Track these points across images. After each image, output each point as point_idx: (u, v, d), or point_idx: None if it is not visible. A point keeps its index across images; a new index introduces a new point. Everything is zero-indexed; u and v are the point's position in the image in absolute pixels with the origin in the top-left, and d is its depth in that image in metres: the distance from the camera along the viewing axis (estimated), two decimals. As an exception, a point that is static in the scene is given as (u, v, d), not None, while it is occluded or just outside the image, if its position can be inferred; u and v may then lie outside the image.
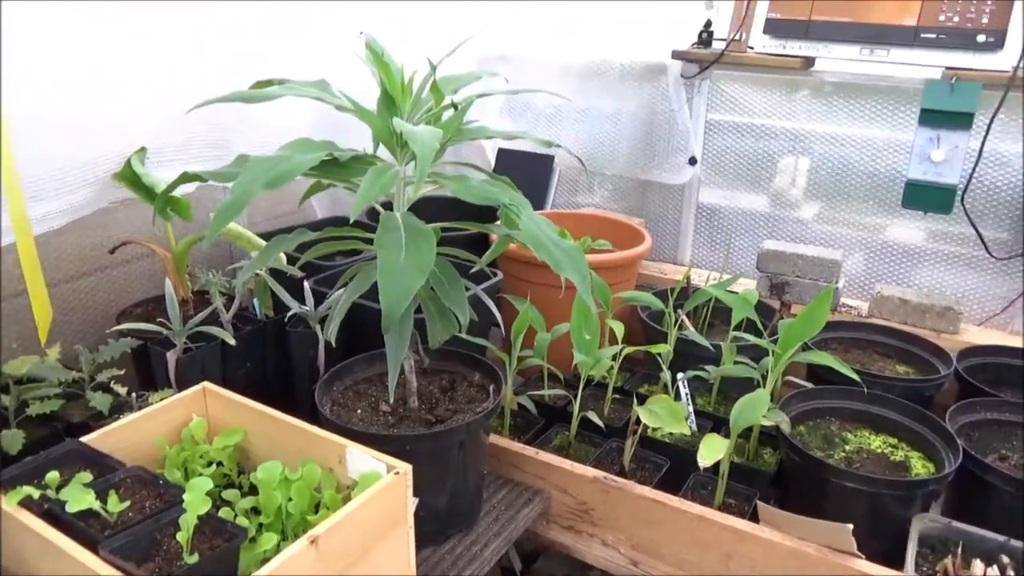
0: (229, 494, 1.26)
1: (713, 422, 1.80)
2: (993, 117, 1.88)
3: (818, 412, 1.77)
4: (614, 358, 1.77)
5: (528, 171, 2.68)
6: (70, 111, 1.54)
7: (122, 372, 1.61)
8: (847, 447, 1.67)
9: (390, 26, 2.19)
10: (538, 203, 2.66)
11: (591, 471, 1.56)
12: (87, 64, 1.54)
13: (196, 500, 1.02)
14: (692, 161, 2.45)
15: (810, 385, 1.79)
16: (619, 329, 1.84)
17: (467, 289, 1.40)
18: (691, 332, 1.88)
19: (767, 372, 1.63)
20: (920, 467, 1.60)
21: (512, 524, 1.50)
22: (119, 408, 1.52)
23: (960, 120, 1.87)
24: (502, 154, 2.73)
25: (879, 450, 1.66)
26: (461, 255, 1.42)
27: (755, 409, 1.49)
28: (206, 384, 1.45)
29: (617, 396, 1.93)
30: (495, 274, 1.95)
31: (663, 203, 2.60)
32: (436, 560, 1.40)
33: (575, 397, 1.69)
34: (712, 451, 1.38)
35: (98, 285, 1.85)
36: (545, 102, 2.64)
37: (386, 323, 1.05)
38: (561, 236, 2.24)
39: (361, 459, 1.21)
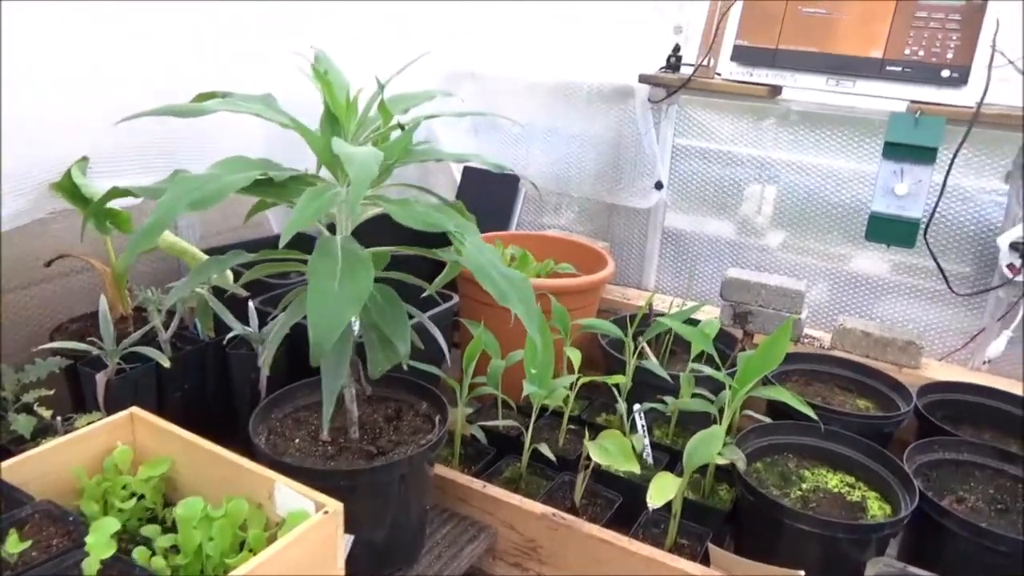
0: (149, 530, 1.19)
1: (670, 455, 1.76)
2: (956, 152, 1.86)
3: (776, 448, 1.73)
4: (570, 387, 1.72)
5: (493, 190, 2.64)
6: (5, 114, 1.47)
7: (51, 392, 1.53)
8: (804, 485, 1.63)
9: (355, 42, 2.15)
10: (503, 223, 2.61)
11: (539, 507, 1.50)
12: (27, 66, 1.47)
13: (99, 543, 0.95)
14: (658, 186, 2.42)
15: (768, 420, 1.75)
16: (576, 357, 1.79)
17: (412, 316, 1.34)
18: (650, 362, 1.84)
19: (724, 406, 1.59)
20: (877, 508, 1.56)
21: (455, 562, 1.44)
22: (43, 432, 1.44)
23: (924, 154, 1.86)
24: (468, 172, 2.68)
25: (836, 489, 1.62)
26: (410, 280, 1.37)
27: (709, 447, 1.45)
28: (134, 409, 1.37)
29: (573, 427, 1.88)
30: (450, 297, 1.89)
31: (629, 227, 2.56)
32: (372, 600, 1.34)
33: (526, 428, 1.63)
34: (662, 492, 1.33)
35: (31, 299, 1.76)
36: (508, 122, 2.60)
37: (314, 357, 0.99)
38: (523, 259, 2.21)
39: (289, 496, 1.15)
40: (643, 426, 1.78)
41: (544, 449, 1.59)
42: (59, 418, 1.46)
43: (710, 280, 2.49)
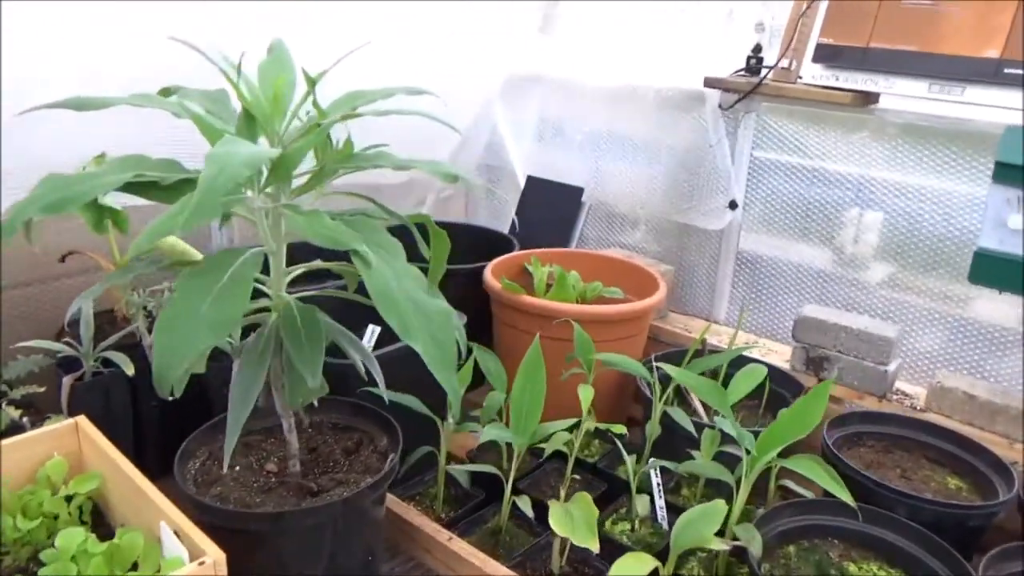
0: (47, 555, 1.10)
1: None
2: None
3: (817, 530, 1.42)
4: (571, 431, 1.50)
5: (555, 203, 2.44)
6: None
7: (42, 390, 1.52)
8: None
9: (402, 38, 2.04)
10: (563, 238, 2.41)
11: (502, 572, 1.29)
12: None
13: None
14: (732, 205, 2.12)
15: (810, 495, 1.44)
16: (586, 397, 1.56)
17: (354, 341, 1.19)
18: (674, 409, 1.57)
19: (742, 476, 1.31)
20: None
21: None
22: (12, 431, 1.41)
23: (1047, 178, 1.47)
24: (531, 183, 2.50)
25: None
26: (344, 296, 1.22)
27: (704, 526, 1.18)
28: (80, 419, 1.31)
29: (585, 475, 1.65)
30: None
31: (700, 250, 2.27)
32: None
33: (507, 476, 1.42)
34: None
35: (47, 294, 1.78)
36: (575, 129, 2.39)
37: (158, 386, 0.85)
38: (560, 281, 2.00)
39: (169, 539, 1.02)
40: (658, 484, 1.52)
41: (523, 504, 1.38)
42: (26, 418, 1.43)
43: (791, 316, 2.15)
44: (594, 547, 1.12)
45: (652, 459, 1.52)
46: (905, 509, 1.43)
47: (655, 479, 1.52)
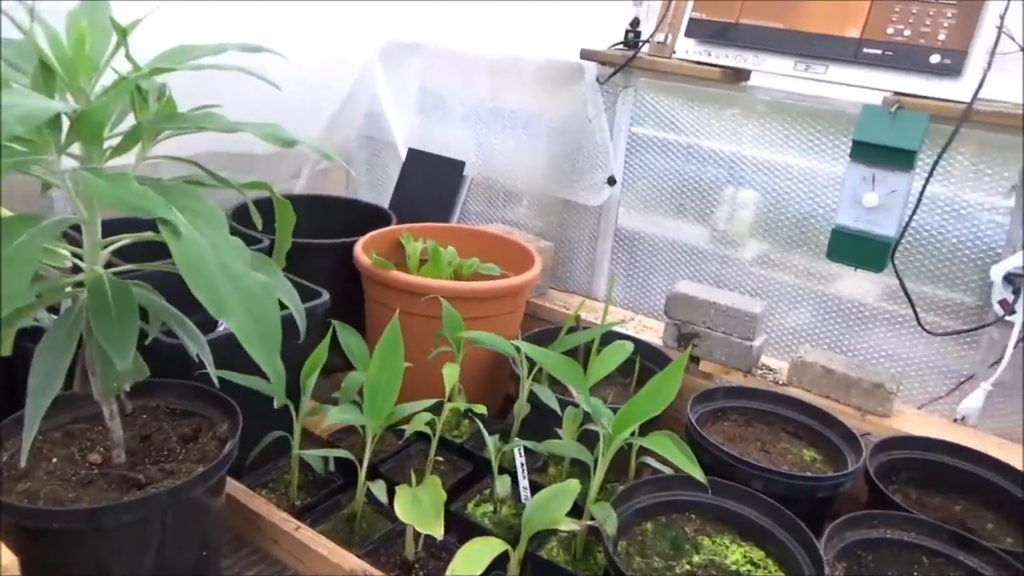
0: None
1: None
2: (939, 157, 1.50)
3: (675, 506, 1.42)
4: (434, 411, 1.45)
5: (437, 176, 2.37)
6: None
7: None
8: (696, 558, 1.32)
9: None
10: (445, 212, 2.34)
11: (351, 561, 1.23)
12: None
13: None
14: (611, 181, 2.10)
15: (670, 472, 1.44)
16: (450, 376, 1.52)
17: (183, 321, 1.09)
18: (541, 387, 1.55)
19: (599, 455, 1.29)
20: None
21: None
22: None
23: (900, 158, 1.50)
24: (411, 155, 2.42)
25: (735, 567, 1.31)
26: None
27: (555, 506, 1.16)
28: None
29: (451, 458, 1.61)
30: (318, 294, 1.63)
31: (581, 227, 2.26)
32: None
33: (360, 461, 1.36)
34: (469, 565, 1.04)
35: None
36: (456, 100, 2.32)
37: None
38: (434, 256, 1.94)
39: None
40: (522, 464, 1.49)
41: (378, 489, 1.32)
42: None
43: (665, 293, 2.16)
44: (438, 534, 1.07)
45: (516, 439, 1.49)
46: (760, 482, 1.45)
47: (519, 459, 1.49)
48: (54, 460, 1.17)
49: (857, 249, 1.60)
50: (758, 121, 1.87)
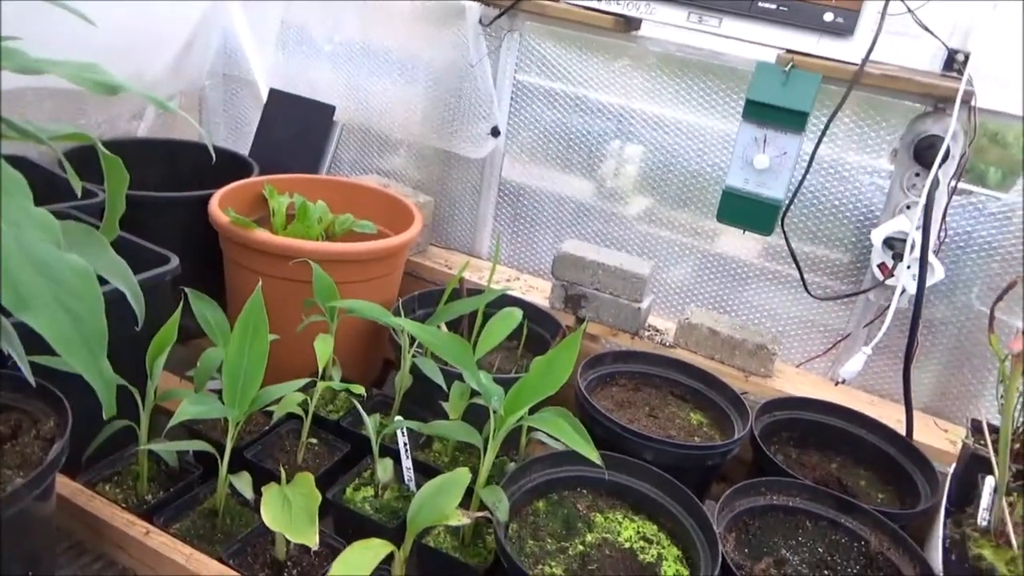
0: None
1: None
2: (830, 120, 1.48)
3: (568, 482, 1.36)
4: (306, 389, 1.31)
5: (304, 122, 2.15)
6: None
7: None
8: (589, 537, 1.27)
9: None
10: (313, 162, 2.14)
11: (212, 567, 1.09)
12: None
13: None
14: (495, 132, 1.98)
15: (560, 447, 1.37)
16: (324, 351, 1.38)
17: None
18: (424, 360, 1.43)
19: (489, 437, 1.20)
20: (672, 573, 1.22)
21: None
22: None
23: (791, 120, 1.47)
24: (273, 96, 2.18)
25: (628, 544, 1.27)
26: None
27: (444, 500, 1.06)
28: None
29: (329, 435, 1.48)
30: (167, 259, 1.43)
31: (463, 180, 2.13)
32: None
33: (221, 452, 1.20)
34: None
35: None
36: (323, 37, 2.10)
37: None
38: (301, 212, 1.76)
39: None
40: (405, 445, 1.38)
41: (241, 483, 1.17)
42: None
43: (552, 251, 2.08)
44: (312, 543, 0.95)
45: (398, 418, 1.37)
46: (651, 452, 1.41)
47: (401, 439, 1.38)
48: None
49: (746, 212, 1.57)
50: (648, 73, 1.79)
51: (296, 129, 2.15)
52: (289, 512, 0.98)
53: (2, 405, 1.11)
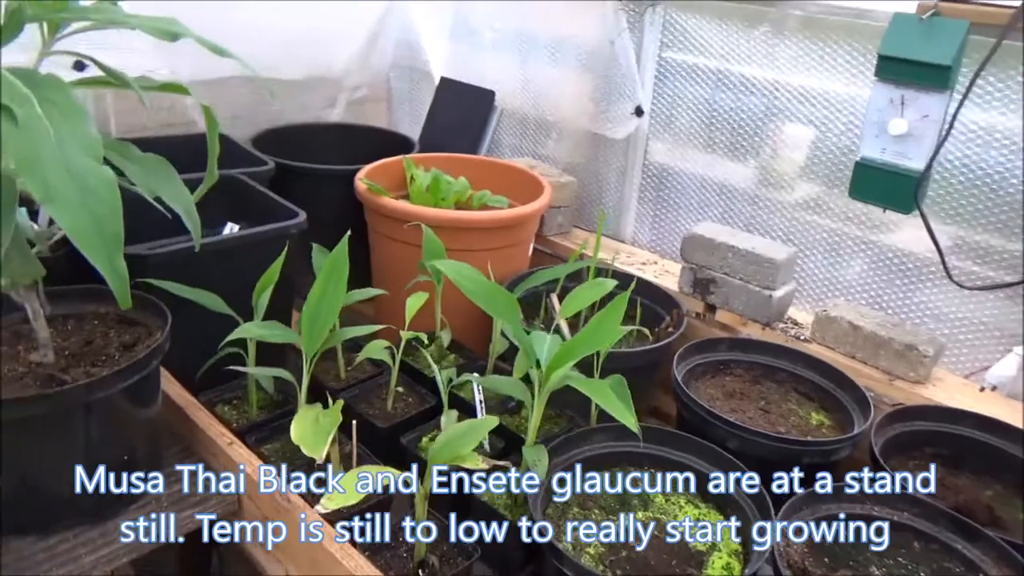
0: None
1: (514, 441, 1.38)
2: (977, 73, 1.25)
3: (636, 458, 1.30)
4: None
5: (467, 107, 2.27)
6: None
7: None
8: (640, 515, 1.20)
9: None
10: (471, 144, 2.25)
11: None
12: None
13: None
14: (638, 111, 1.93)
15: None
16: (413, 305, 1.45)
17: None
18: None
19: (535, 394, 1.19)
20: (721, 565, 1.11)
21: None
22: None
23: (933, 76, 1.27)
24: (443, 84, 2.33)
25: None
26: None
27: (462, 443, 1.07)
28: None
29: (424, 389, 1.55)
30: (295, 214, 1.58)
31: (607, 161, 2.10)
32: (27, 554, 1.13)
33: (299, 382, 1.31)
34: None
35: None
36: (484, 25, 2.20)
37: None
38: (435, 185, 1.86)
39: None
40: (480, 402, 1.41)
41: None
42: None
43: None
44: (318, 457, 1.01)
45: (476, 374, 1.41)
46: (735, 441, 1.30)
47: (477, 395, 1.41)
48: (-9, 357, 1.21)
49: (883, 186, 1.38)
50: (790, 39, 1.64)
51: (460, 114, 2.27)
52: (312, 430, 1.06)
53: (133, 320, 1.32)
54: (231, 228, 1.70)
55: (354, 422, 1.21)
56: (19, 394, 1.11)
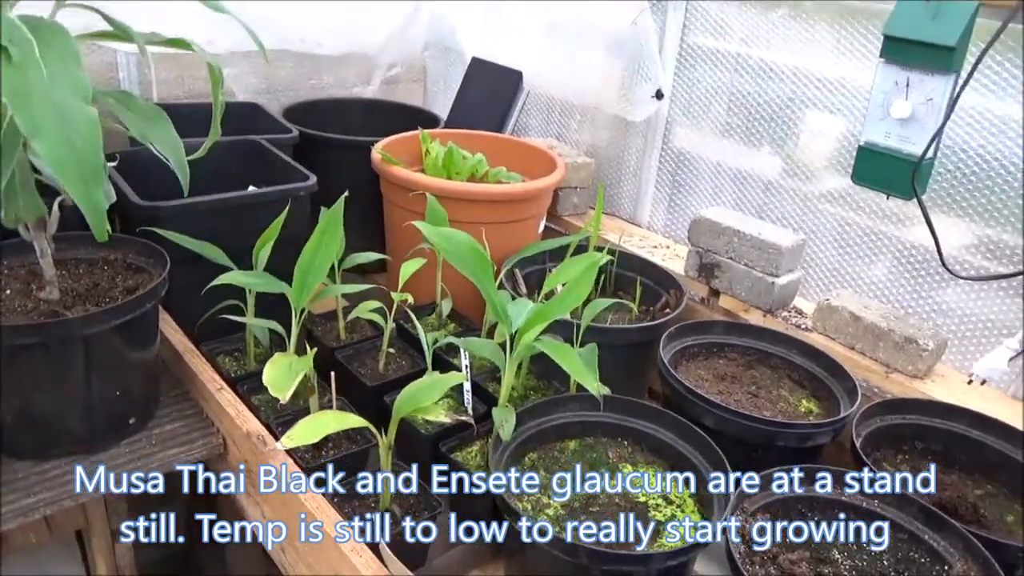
0: None
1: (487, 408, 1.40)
2: (981, 56, 1.20)
3: (611, 428, 1.31)
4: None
5: (494, 86, 2.29)
6: None
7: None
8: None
9: None
10: (497, 123, 2.27)
11: (252, 424, 1.25)
12: None
13: None
14: (659, 95, 1.93)
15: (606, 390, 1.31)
16: (407, 270, 1.49)
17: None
18: (503, 293, 1.47)
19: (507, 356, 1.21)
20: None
21: (145, 460, 1.26)
22: None
23: (938, 57, 1.23)
24: (474, 64, 2.36)
25: (644, 498, 1.18)
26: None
27: (423, 396, 1.10)
28: None
29: (418, 353, 1.58)
30: (306, 177, 1.64)
31: (628, 145, 2.10)
32: (22, 476, 1.21)
33: (288, 334, 1.36)
34: (308, 432, 1.02)
35: None
36: (515, 5, 2.21)
37: None
38: (448, 158, 1.89)
39: None
40: (467, 365, 1.44)
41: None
42: None
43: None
44: (283, 397, 1.06)
45: (448, 335, 1.43)
46: (711, 419, 1.29)
47: (464, 361, 1.44)
48: (7, 292, 1.29)
49: (885, 171, 1.35)
50: (807, 23, 1.61)
51: (487, 93, 2.30)
52: (284, 373, 1.11)
53: (140, 266, 1.39)
54: (252, 190, 1.77)
55: (332, 373, 1.25)
56: (18, 323, 1.19)
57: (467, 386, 1.43)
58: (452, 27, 2.40)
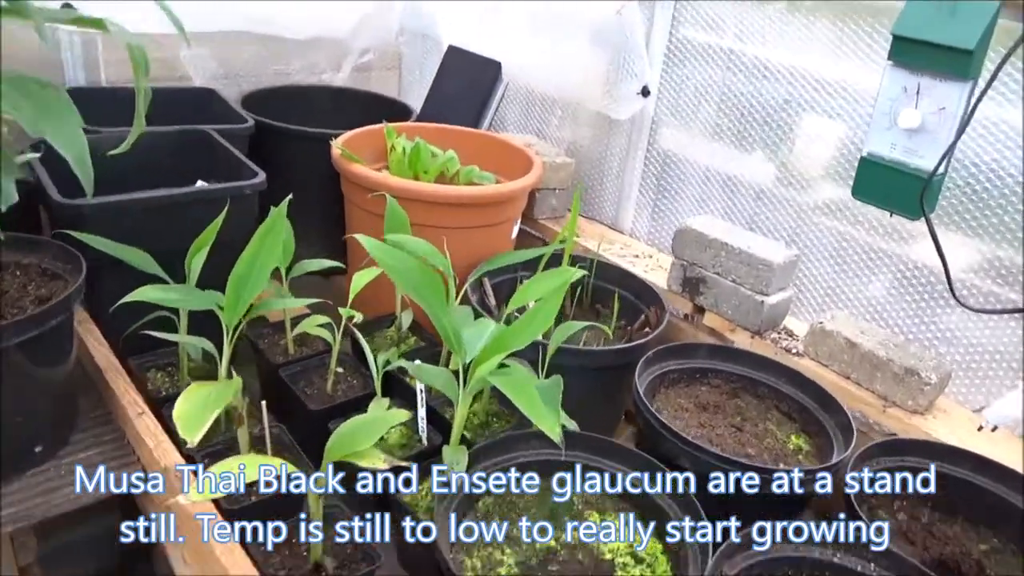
0: None
1: (443, 438, 1.26)
2: (1003, 62, 1.06)
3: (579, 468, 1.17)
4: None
5: (472, 77, 2.14)
6: None
7: None
8: (570, 535, 1.07)
9: None
10: (473, 115, 2.11)
11: (170, 458, 1.11)
12: None
13: None
14: (645, 92, 1.78)
15: (572, 425, 1.18)
16: (359, 281, 1.34)
17: None
18: (459, 308, 1.33)
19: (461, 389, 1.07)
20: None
21: (51, 496, 1.12)
22: None
23: (953, 62, 1.09)
24: (450, 54, 2.20)
25: (611, 555, 1.05)
26: None
27: (359, 438, 0.96)
28: None
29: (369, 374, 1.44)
30: (254, 174, 1.49)
31: (611, 145, 1.95)
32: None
33: (220, 354, 1.21)
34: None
35: None
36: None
37: None
38: (415, 154, 1.74)
39: None
40: (421, 390, 1.29)
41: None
42: None
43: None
44: (191, 440, 0.91)
45: (417, 360, 1.29)
46: (688, 460, 1.16)
47: (418, 387, 1.30)
48: (-101, 301, 1.14)
49: (890, 187, 1.21)
50: (805, 19, 1.47)
51: (464, 84, 2.15)
52: (197, 408, 0.96)
53: (56, 273, 1.24)
54: (201, 186, 1.62)
55: (263, 403, 1.11)
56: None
57: (422, 413, 1.29)
58: (428, 11, 2.25)
